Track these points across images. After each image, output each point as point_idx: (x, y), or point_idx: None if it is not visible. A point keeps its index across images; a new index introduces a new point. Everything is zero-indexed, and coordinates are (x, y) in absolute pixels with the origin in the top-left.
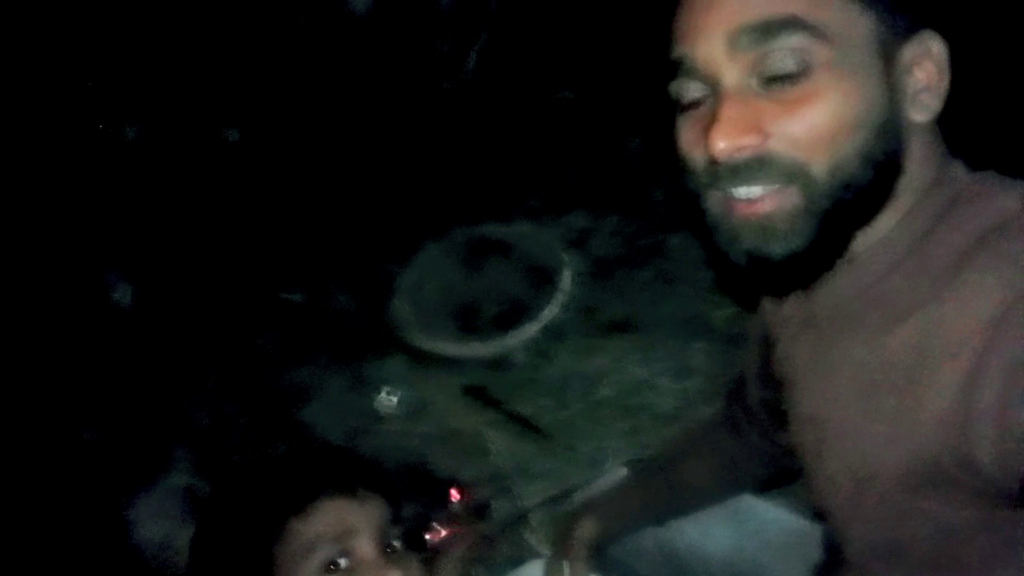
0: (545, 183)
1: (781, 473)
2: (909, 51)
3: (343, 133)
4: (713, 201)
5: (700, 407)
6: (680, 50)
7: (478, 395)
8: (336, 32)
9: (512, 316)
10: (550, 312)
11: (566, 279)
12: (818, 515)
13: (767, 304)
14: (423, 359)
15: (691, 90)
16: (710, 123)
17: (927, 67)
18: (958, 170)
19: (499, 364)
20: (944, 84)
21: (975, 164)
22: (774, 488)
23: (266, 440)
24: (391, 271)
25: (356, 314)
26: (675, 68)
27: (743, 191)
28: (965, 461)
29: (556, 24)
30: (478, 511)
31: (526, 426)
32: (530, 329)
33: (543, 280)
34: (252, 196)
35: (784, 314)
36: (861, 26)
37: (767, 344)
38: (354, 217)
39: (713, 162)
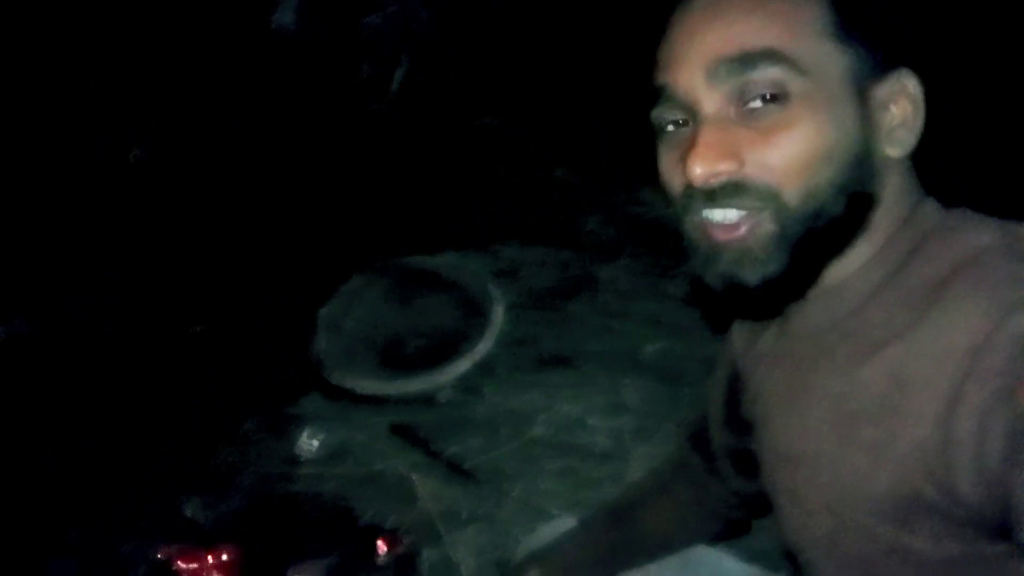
0: (472, 212)
1: (737, 523)
2: (885, 88)
3: (262, 156)
4: (691, 226)
5: (633, 446)
6: (662, 78)
7: (404, 435)
8: (260, 51)
9: (440, 351)
10: (482, 348)
11: (497, 313)
12: (789, 557)
13: (738, 342)
14: (345, 397)
15: (671, 117)
16: (688, 149)
17: (903, 104)
18: (931, 206)
19: (426, 402)
20: (919, 121)
21: (948, 202)
22: (728, 538)
23: (175, 488)
24: (311, 304)
25: (273, 350)
26: (657, 96)
27: (719, 215)
28: (946, 490)
29: (480, 50)
30: (406, 562)
31: (455, 469)
32: (460, 365)
33: (473, 313)
34: (159, 222)
35: (757, 350)
36: (837, 61)
37: (735, 387)
38: (271, 247)
39: (690, 186)
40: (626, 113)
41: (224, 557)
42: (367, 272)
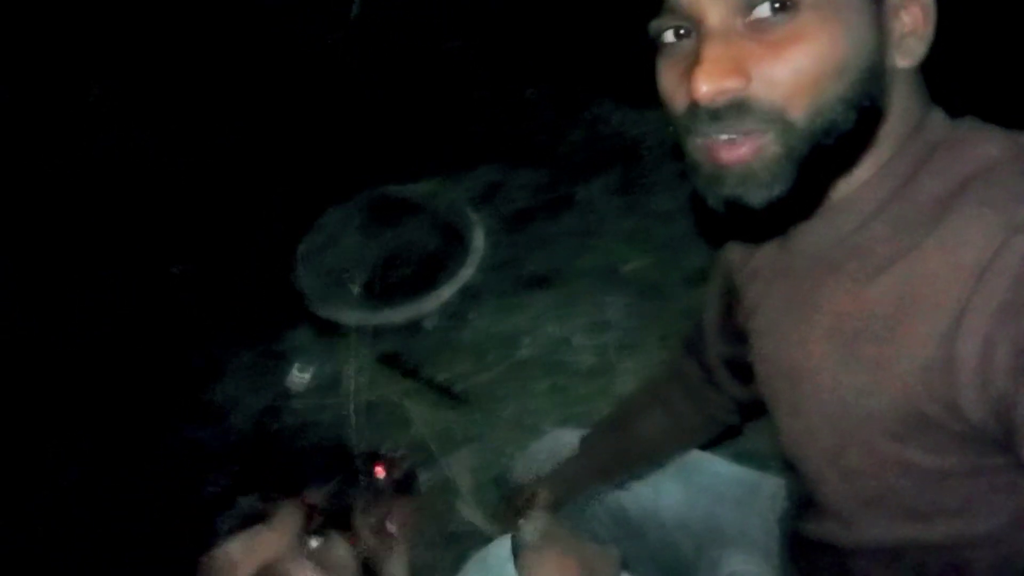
0: (445, 138)
1: (730, 428)
2: None
3: (229, 93)
4: (693, 146)
5: (618, 360)
6: None
7: (393, 364)
8: None
9: (424, 279)
10: (464, 274)
11: (478, 237)
12: (787, 466)
13: (733, 255)
14: (332, 330)
15: (673, 28)
16: (692, 64)
17: (913, 11)
18: (938, 117)
19: (413, 330)
20: (929, 29)
21: (955, 112)
22: (720, 442)
23: (170, 426)
24: (291, 239)
25: (256, 286)
26: (657, 6)
27: (723, 135)
28: (950, 407)
29: None
30: (404, 484)
31: (445, 393)
32: (444, 292)
33: (454, 239)
34: (130, 161)
35: (754, 264)
36: None
37: (731, 297)
38: (247, 183)
39: (694, 104)
40: (599, 29)
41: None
42: (344, 203)
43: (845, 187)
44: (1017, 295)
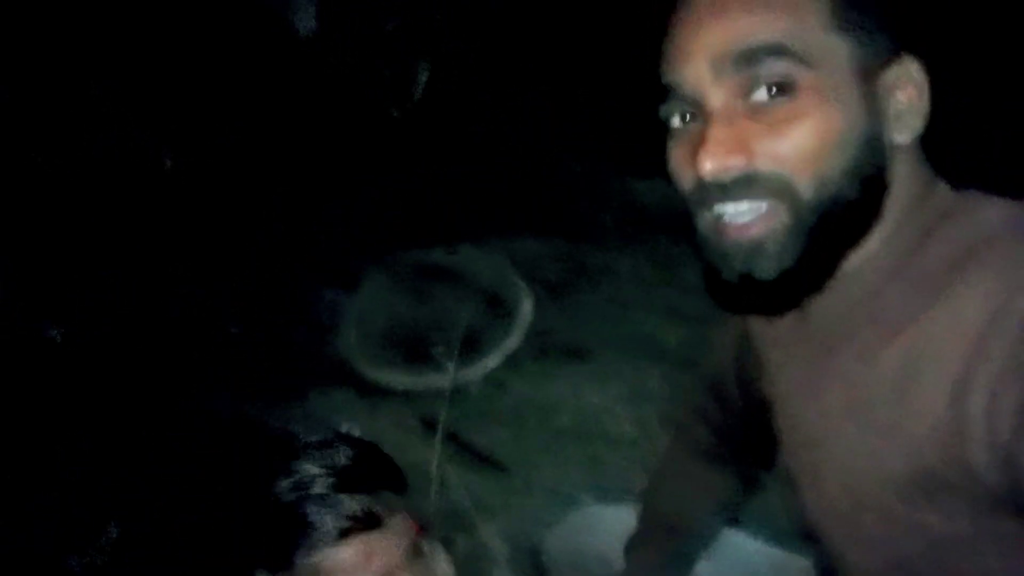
0: (489, 206)
1: (749, 494)
2: (890, 74)
3: (287, 158)
4: (704, 221)
5: (659, 432)
6: (669, 74)
7: (434, 428)
8: (281, 55)
9: (466, 345)
10: (511, 342)
11: (526, 306)
12: (810, 538)
13: (754, 323)
14: (373, 392)
15: (680, 113)
16: (698, 144)
17: (908, 90)
18: (943, 188)
19: (453, 395)
20: (925, 105)
21: (959, 183)
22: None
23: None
24: (337, 300)
25: (302, 346)
26: (665, 92)
27: (731, 208)
28: (961, 468)
29: (497, 50)
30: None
31: (484, 459)
32: (491, 360)
33: (497, 307)
34: (191, 224)
35: (775, 333)
36: (841, 51)
37: (746, 363)
38: (298, 245)
39: (702, 181)
40: (637, 106)
41: None
42: (390, 268)
43: (856, 257)
44: (1018, 355)
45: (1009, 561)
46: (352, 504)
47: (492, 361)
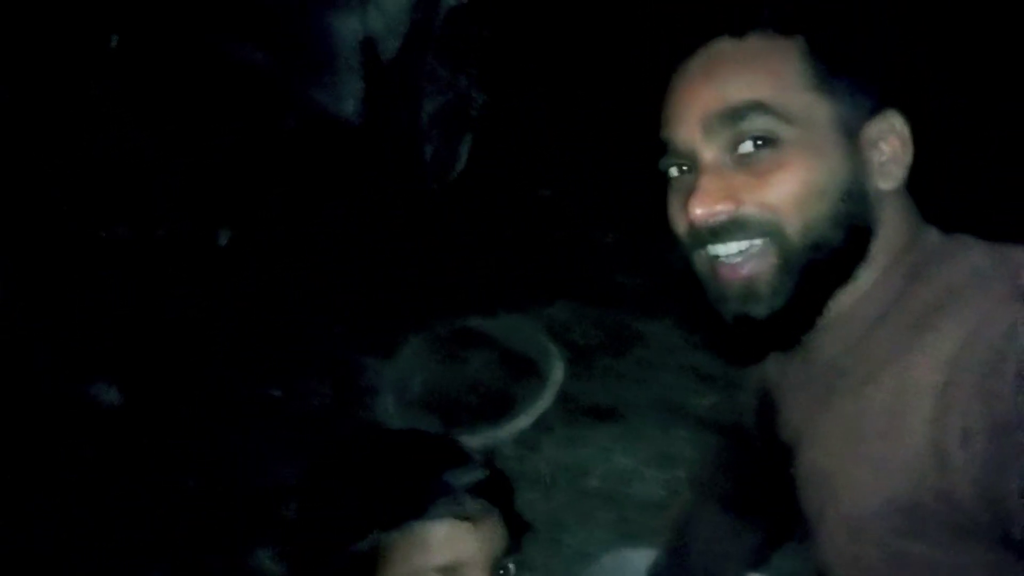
0: (523, 276)
1: (773, 544)
2: (873, 128)
3: (332, 229)
4: (700, 261)
5: (686, 495)
6: (665, 133)
7: None
8: (328, 136)
9: (499, 408)
10: (542, 404)
11: (558, 370)
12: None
13: (770, 371)
14: None
15: (676, 166)
16: (690, 193)
17: (891, 141)
18: (932, 234)
19: (487, 457)
20: (908, 156)
21: (948, 228)
22: (767, 559)
23: (249, 543)
24: (374, 366)
25: (339, 411)
26: (663, 149)
27: (722, 249)
28: (944, 498)
29: (534, 127)
30: None
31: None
32: (522, 421)
33: (529, 371)
34: (237, 292)
35: (786, 380)
36: (822, 109)
37: (771, 413)
38: (336, 311)
39: (693, 225)
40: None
41: None
42: (426, 334)
43: (848, 298)
44: (987, 382)
45: None
46: (469, 500)
47: (523, 422)
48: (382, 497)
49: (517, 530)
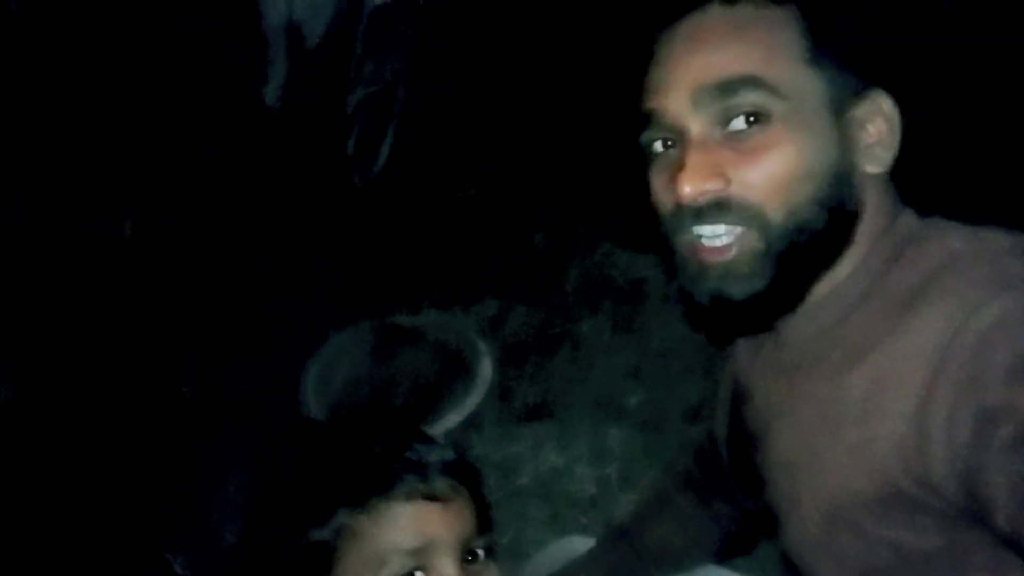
0: (453, 275)
1: (742, 540)
2: (861, 108)
3: (248, 222)
4: (681, 243)
5: (620, 492)
6: (650, 104)
7: None
8: (247, 125)
9: (428, 407)
10: (471, 402)
11: (486, 367)
12: (790, 566)
13: (741, 358)
14: None
15: (660, 140)
16: (677, 170)
17: (878, 123)
18: (909, 217)
19: None
20: (895, 139)
21: (924, 211)
22: (734, 555)
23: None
24: (298, 364)
25: (261, 407)
26: (646, 120)
27: (708, 230)
28: (924, 483)
29: (461, 122)
30: None
31: None
32: (451, 419)
33: (459, 369)
34: (149, 285)
35: (758, 365)
36: (814, 85)
37: (738, 402)
38: (257, 308)
39: (679, 205)
40: (598, 176)
41: None
42: (352, 331)
43: (827, 283)
44: (974, 371)
45: (979, 574)
46: (438, 478)
47: (452, 420)
48: (345, 473)
49: (485, 512)
